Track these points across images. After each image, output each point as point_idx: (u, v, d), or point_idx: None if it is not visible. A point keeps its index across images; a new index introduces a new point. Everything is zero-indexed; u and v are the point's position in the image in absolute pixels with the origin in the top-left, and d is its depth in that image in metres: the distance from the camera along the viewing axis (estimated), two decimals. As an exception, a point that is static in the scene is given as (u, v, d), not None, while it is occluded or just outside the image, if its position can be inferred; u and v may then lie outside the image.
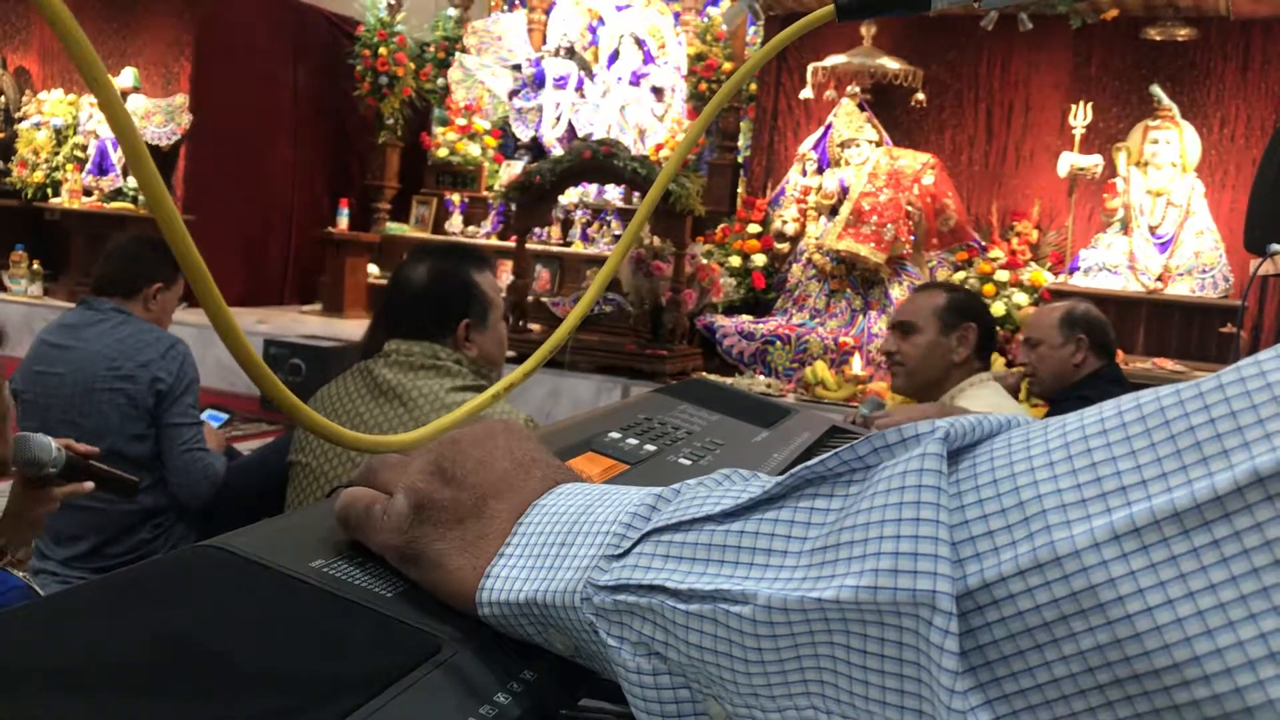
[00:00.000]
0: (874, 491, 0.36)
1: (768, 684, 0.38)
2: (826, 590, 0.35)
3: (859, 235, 6.78)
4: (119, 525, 2.61)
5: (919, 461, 0.35)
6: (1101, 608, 0.31)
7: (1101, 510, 0.32)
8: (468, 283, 2.04)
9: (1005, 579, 0.33)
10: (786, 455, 1.00)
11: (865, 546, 0.35)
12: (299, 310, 8.62)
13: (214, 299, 0.43)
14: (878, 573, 0.34)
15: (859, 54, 7.08)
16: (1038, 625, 0.32)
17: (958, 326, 2.47)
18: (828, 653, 0.36)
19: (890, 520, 0.35)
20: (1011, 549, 0.33)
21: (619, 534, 0.43)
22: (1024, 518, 0.33)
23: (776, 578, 0.38)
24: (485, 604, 0.46)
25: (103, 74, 0.37)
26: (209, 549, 0.49)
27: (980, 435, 0.37)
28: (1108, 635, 0.31)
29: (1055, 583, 0.32)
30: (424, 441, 0.56)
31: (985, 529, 0.34)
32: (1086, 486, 0.32)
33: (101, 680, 0.38)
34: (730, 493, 0.42)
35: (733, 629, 0.38)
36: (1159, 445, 0.32)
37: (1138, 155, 6.65)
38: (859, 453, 0.39)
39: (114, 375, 2.56)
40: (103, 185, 8.32)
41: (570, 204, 8.24)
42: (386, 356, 1.98)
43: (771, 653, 0.37)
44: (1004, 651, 0.33)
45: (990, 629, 0.33)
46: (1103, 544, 0.31)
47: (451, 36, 9.10)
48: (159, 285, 2.72)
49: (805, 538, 0.38)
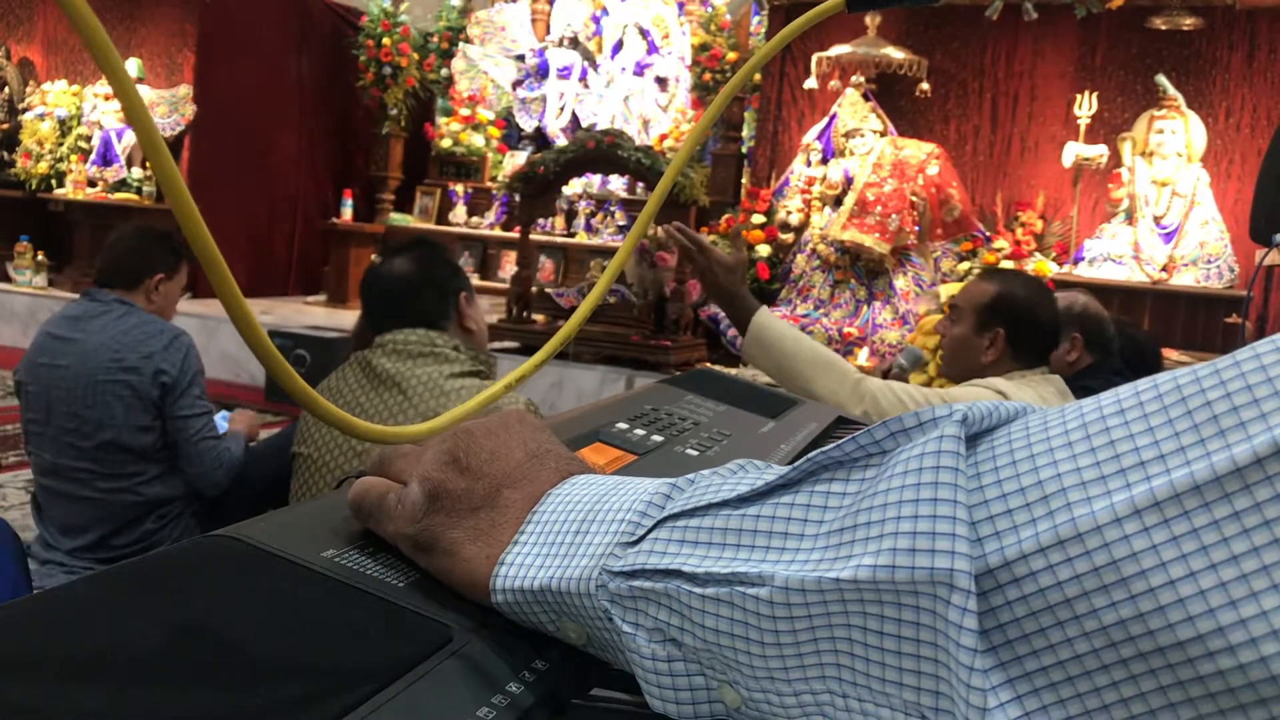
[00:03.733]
0: (891, 474, 0.36)
1: (784, 667, 0.38)
2: (844, 570, 0.35)
3: (863, 226, 6.77)
4: (125, 516, 2.62)
5: (936, 444, 0.35)
6: (1124, 581, 0.31)
7: (1121, 486, 0.32)
8: (452, 262, 2.17)
9: (1026, 556, 0.33)
10: (794, 446, 1.00)
11: (883, 526, 0.35)
12: (303, 301, 8.62)
13: (229, 287, 0.43)
14: (895, 551, 0.34)
15: (864, 44, 7.06)
16: (1059, 602, 0.32)
17: (990, 329, 2.30)
18: (845, 634, 0.36)
19: (908, 500, 0.35)
20: (1032, 526, 0.33)
21: (634, 521, 0.43)
22: (1043, 496, 0.33)
23: (794, 560, 0.38)
24: (499, 591, 0.46)
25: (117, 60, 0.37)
26: (220, 539, 0.49)
27: (998, 420, 0.37)
28: (1131, 609, 0.31)
29: (1077, 558, 0.32)
30: (437, 432, 0.56)
31: (1005, 508, 0.34)
32: (1106, 464, 0.33)
33: (113, 670, 0.38)
34: (745, 480, 0.42)
35: (749, 611, 0.38)
36: (1176, 421, 0.32)
37: (1143, 145, 6.63)
38: (875, 437, 0.39)
39: (117, 367, 2.56)
40: (107, 176, 8.32)
41: (574, 195, 8.24)
42: (384, 347, 1.99)
43: (788, 635, 0.37)
44: (1025, 629, 0.33)
45: (1011, 607, 0.33)
46: (1124, 518, 0.31)
47: (455, 27, 9.08)
48: (161, 276, 2.72)
49: (822, 520, 0.38)
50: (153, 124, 0.39)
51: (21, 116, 8.66)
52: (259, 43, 8.61)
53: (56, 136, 8.50)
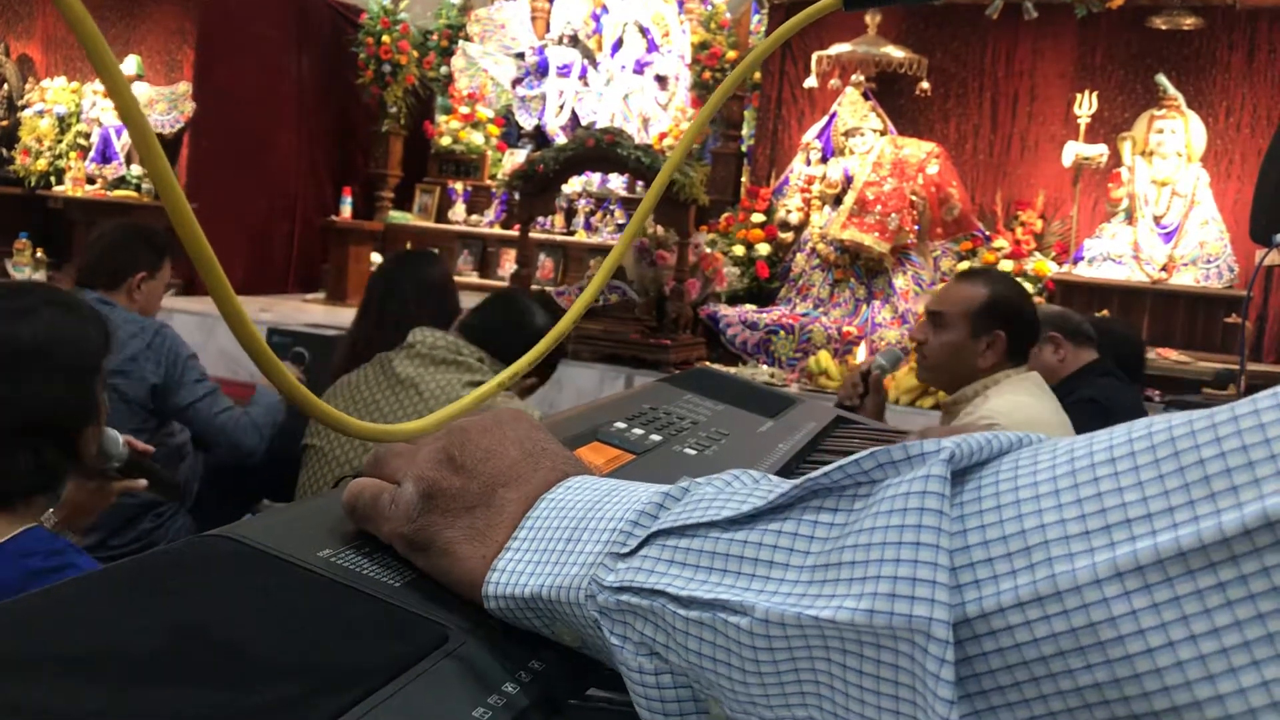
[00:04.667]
0: (876, 511, 0.36)
1: (765, 694, 0.38)
2: (824, 610, 0.35)
3: (863, 225, 6.77)
4: (121, 516, 2.61)
5: (922, 484, 0.35)
6: (1101, 646, 0.30)
7: (1105, 544, 0.31)
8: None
9: (1004, 610, 0.32)
10: (792, 445, 1.00)
11: (865, 569, 0.35)
12: (302, 299, 8.60)
13: (221, 286, 0.43)
14: (875, 596, 0.34)
15: (863, 42, 7.05)
16: (1035, 659, 0.32)
17: (988, 331, 2.27)
18: (825, 669, 0.36)
19: (891, 543, 0.34)
20: (1011, 579, 0.32)
21: (626, 531, 0.43)
22: (1025, 547, 0.33)
23: (776, 591, 0.38)
24: (491, 597, 0.46)
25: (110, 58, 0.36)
26: (216, 538, 0.49)
27: (988, 455, 0.36)
28: (1107, 674, 0.30)
29: (1055, 617, 0.31)
30: (429, 430, 0.56)
31: (985, 555, 0.33)
32: (1091, 517, 0.32)
33: (110, 669, 0.38)
34: (737, 496, 0.42)
35: (730, 638, 0.38)
36: (1167, 478, 0.31)
37: (1143, 145, 6.62)
38: (864, 467, 0.38)
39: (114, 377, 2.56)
40: (106, 173, 8.31)
41: (574, 193, 8.23)
42: (410, 348, 2.00)
43: (769, 665, 0.37)
44: (1000, 683, 0.33)
45: (987, 659, 0.33)
46: (1104, 580, 0.31)
47: (455, 24, 9.07)
48: (143, 275, 2.69)
49: (808, 552, 0.38)
50: (145, 121, 0.39)
51: (20, 113, 8.64)
52: (258, 40, 8.59)
53: (55, 133, 8.49)
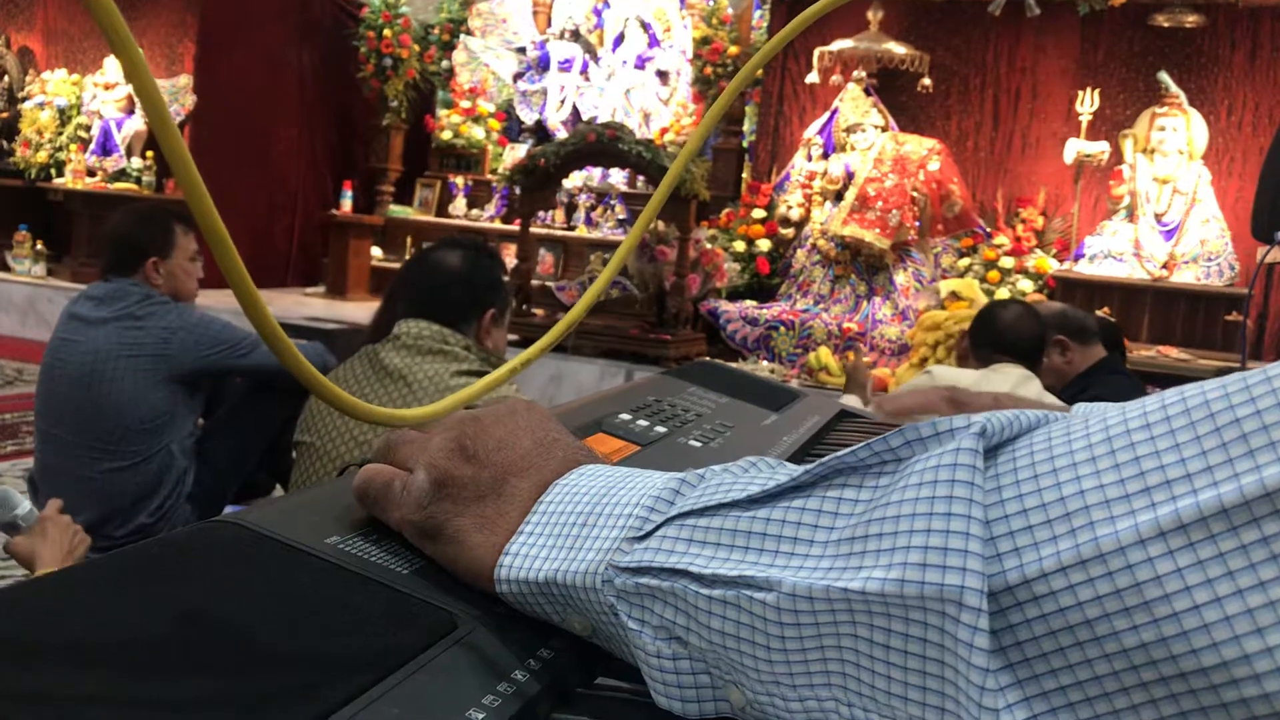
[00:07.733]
0: (905, 484, 0.35)
1: (789, 672, 0.38)
2: (854, 581, 0.35)
3: (864, 221, 6.76)
4: (122, 501, 2.64)
5: (953, 456, 0.35)
6: (1146, 605, 0.30)
7: (1145, 505, 0.31)
8: (500, 279, 2.17)
9: (1046, 575, 0.32)
10: (797, 438, 1.00)
11: (895, 539, 0.34)
12: (302, 292, 8.60)
13: (237, 268, 0.43)
14: (906, 565, 0.34)
15: (865, 39, 7.04)
16: (1079, 622, 0.32)
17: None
18: (851, 644, 0.36)
19: (921, 514, 0.34)
20: (1053, 544, 0.32)
21: (642, 516, 0.43)
22: (1065, 512, 0.32)
23: (802, 566, 0.37)
24: (503, 581, 0.46)
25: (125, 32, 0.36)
26: (223, 524, 0.48)
27: (1018, 430, 0.36)
28: (1153, 633, 0.30)
29: (1099, 579, 0.31)
30: (438, 415, 0.56)
31: (1025, 523, 0.33)
32: (1130, 481, 0.32)
33: (117, 655, 0.37)
34: (756, 480, 0.41)
35: (755, 615, 0.38)
36: (1204, 439, 0.31)
37: (1144, 142, 6.62)
38: (891, 444, 0.38)
39: (130, 342, 2.66)
40: (106, 166, 8.30)
41: (574, 188, 8.22)
42: (396, 340, 2.00)
43: (794, 641, 0.37)
44: (1043, 648, 0.32)
45: (1030, 625, 0.32)
46: (1148, 540, 0.31)
47: (456, 19, 9.06)
48: (154, 259, 2.76)
49: (833, 527, 0.38)
50: (161, 97, 0.38)
51: (21, 105, 8.63)
52: (260, 33, 8.58)
53: (56, 126, 8.48)
